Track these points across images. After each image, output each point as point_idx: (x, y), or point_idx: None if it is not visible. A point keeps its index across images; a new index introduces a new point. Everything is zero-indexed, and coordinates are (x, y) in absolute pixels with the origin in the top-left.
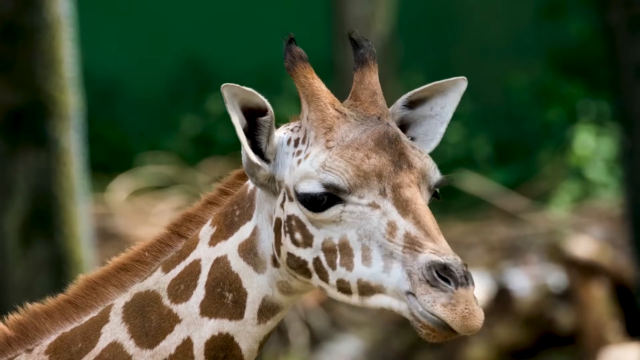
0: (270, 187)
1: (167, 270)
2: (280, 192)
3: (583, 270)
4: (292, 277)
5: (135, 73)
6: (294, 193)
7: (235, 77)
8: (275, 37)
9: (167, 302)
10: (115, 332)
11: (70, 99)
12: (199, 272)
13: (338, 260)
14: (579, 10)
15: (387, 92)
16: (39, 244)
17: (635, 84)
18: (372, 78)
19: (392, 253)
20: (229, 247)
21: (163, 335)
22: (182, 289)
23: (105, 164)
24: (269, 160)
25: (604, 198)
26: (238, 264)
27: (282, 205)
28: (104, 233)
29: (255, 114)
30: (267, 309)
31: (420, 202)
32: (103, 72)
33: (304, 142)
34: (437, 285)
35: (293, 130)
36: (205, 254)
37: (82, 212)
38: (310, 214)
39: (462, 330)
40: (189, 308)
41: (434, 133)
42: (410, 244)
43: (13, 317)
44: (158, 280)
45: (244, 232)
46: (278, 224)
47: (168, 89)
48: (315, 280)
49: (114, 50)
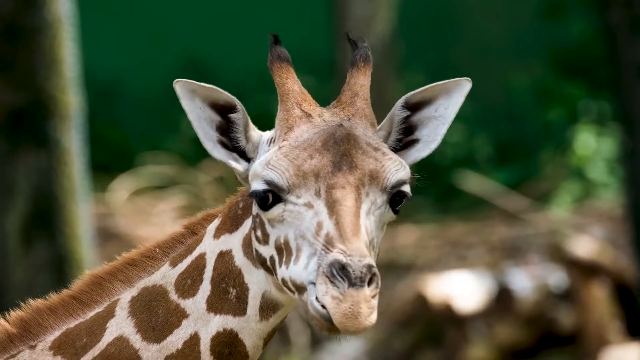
0: None
1: (174, 265)
2: None
3: (584, 271)
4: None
5: (136, 73)
6: None
7: (236, 77)
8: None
9: (174, 296)
10: (121, 326)
11: (71, 99)
12: (204, 266)
13: (283, 259)
14: (580, 11)
15: (387, 92)
16: (40, 244)
17: (636, 84)
18: (357, 79)
19: (315, 252)
20: (235, 241)
21: (170, 330)
22: (188, 284)
23: (106, 164)
24: (252, 159)
25: (605, 198)
26: (241, 259)
27: (253, 203)
28: (105, 233)
29: (227, 111)
30: (267, 306)
31: (348, 203)
32: (104, 72)
33: (274, 141)
34: (332, 281)
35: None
36: (210, 247)
37: (83, 212)
38: (261, 212)
39: (340, 327)
40: (196, 303)
41: (436, 134)
42: (327, 244)
43: (15, 314)
44: (165, 275)
45: (246, 226)
46: (253, 221)
47: (169, 89)
48: (275, 278)
49: (115, 51)
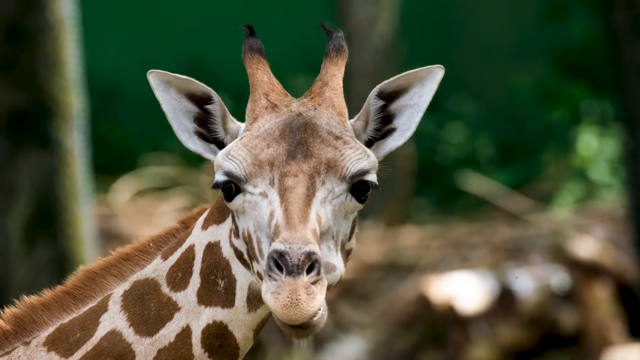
0: None
1: (165, 258)
2: None
3: (586, 271)
4: None
5: (138, 74)
6: None
7: (237, 78)
8: (278, 39)
9: (166, 289)
10: (114, 320)
11: (74, 100)
12: (194, 258)
13: (251, 253)
14: (582, 11)
15: None
16: (42, 245)
17: (639, 85)
18: (329, 69)
19: (270, 242)
20: (222, 233)
21: (163, 323)
22: (179, 277)
23: (109, 165)
24: None
25: (607, 199)
26: (228, 251)
27: None
28: (107, 234)
29: (205, 103)
30: (254, 297)
31: (298, 191)
32: (106, 73)
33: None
34: (270, 275)
35: None
36: (199, 239)
37: (85, 213)
38: (227, 204)
39: (285, 319)
40: (187, 296)
41: (410, 122)
42: (274, 234)
43: (9, 311)
44: (157, 268)
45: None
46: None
47: None
48: (252, 272)
49: (117, 52)
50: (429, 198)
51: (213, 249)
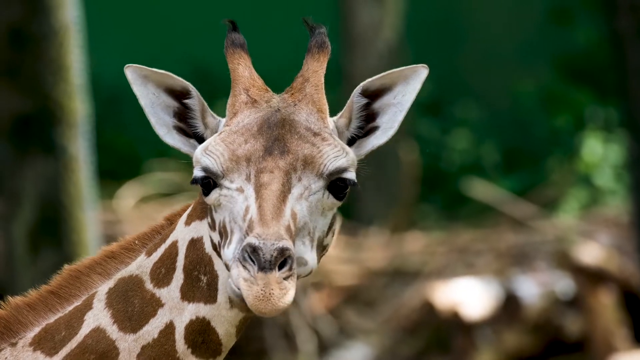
0: None
1: (149, 254)
2: None
3: (591, 277)
4: None
5: None
6: None
7: None
8: (282, 44)
9: (149, 286)
10: (98, 317)
11: (78, 106)
12: (177, 254)
13: (222, 243)
14: (587, 17)
15: None
16: (47, 251)
17: None
18: (311, 65)
19: (242, 237)
20: (205, 228)
21: (146, 320)
22: (163, 273)
23: (113, 171)
24: None
25: (612, 205)
26: (210, 246)
27: None
28: (112, 240)
29: (184, 97)
30: None
31: (273, 187)
32: (111, 79)
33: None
34: (244, 264)
35: None
36: (182, 235)
37: (90, 219)
38: (204, 198)
39: (254, 309)
40: (171, 292)
41: (393, 121)
42: (248, 228)
43: None
44: (141, 265)
45: None
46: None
47: None
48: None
49: (122, 57)
50: (434, 204)
51: (196, 245)
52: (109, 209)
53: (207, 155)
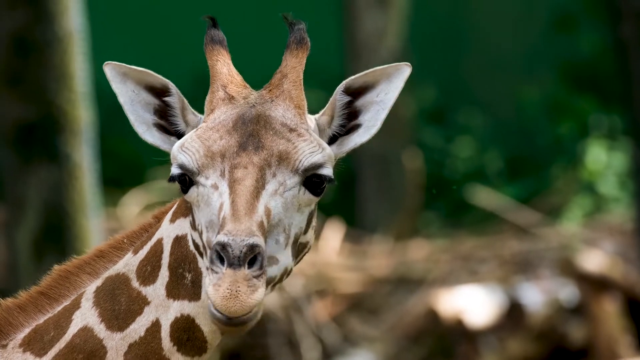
0: None
1: (136, 252)
2: None
3: (595, 285)
4: None
5: None
6: None
7: None
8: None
9: (136, 284)
10: (86, 316)
11: (82, 114)
12: (162, 251)
13: (202, 246)
14: (591, 24)
15: (398, 106)
16: (51, 259)
17: None
18: (289, 61)
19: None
20: (189, 226)
21: (133, 318)
22: (149, 271)
23: (117, 179)
24: None
25: (616, 212)
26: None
27: None
28: None
29: (164, 95)
30: None
31: (247, 183)
32: None
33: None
34: (213, 268)
35: None
36: (167, 232)
37: (94, 227)
38: (183, 196)
39: (224, 311)
40: (157, 290)
41: (376, 119)
42: (222, 225)
43: None
44: (127, 263)
45: None
46: None
47: None
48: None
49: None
50: (438, 212)
51: (181, 242)
52: (113, 217)
53: (183, 152)
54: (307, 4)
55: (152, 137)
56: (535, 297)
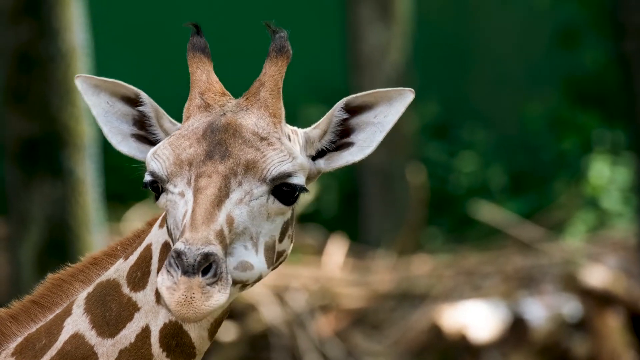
0: None
1: (126, 258)
2: None
3: (598, 300)
4: None
5: None
6: None
7: None
8: (290, 68)
9: (126, 290)
10: (77, 323)
11: (85, 129)
12: (151, 257)
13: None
14: (594, 40)
15: (401, 121)
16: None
17: None
18: (268, 70)
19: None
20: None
21: (123, 324)
22: (138, 276)
23: (121, 194)
24: None
25: (619, 227)
26: None
27: None
28: None
29: (139, 105)
30: None
31: (209, 192)
32: None
33: None
34: (169, 270)
35: None
36: (155, 237)
37: (97, 242)
38: (155, 203)
39: (177, 316)
40: (147, 296)
41: (371, 140)
42: (182, 233)
43: None
44: (118, 269)
45: None
46: None
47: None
48: None
49: (129, 80)
50: (441, 227)
51: (169, 247)
52: (117, 232)
53: (154, 159)
54: (310, 19)
55: (127, 147)
56: (539, 312)
